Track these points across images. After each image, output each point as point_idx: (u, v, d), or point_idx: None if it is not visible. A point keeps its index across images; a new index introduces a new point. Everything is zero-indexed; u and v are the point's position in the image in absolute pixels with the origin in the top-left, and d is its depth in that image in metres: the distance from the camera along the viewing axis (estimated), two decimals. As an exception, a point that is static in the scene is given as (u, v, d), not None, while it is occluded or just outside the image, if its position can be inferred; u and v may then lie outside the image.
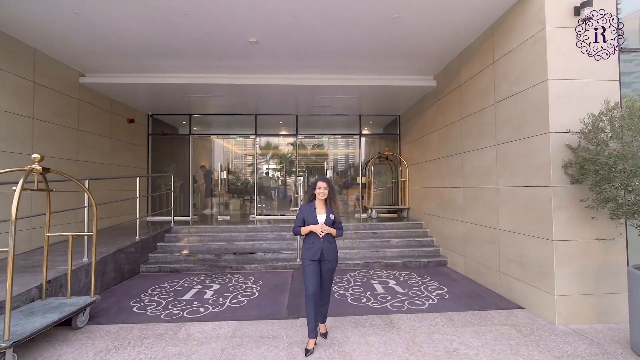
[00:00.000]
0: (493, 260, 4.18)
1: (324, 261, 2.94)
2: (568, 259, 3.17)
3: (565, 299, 3.15)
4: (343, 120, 8.97)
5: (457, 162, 5.14)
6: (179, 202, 8.81)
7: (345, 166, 10.43)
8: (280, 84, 6.00)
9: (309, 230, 2.93)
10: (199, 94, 6.63)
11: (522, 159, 3.59)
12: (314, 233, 2.95)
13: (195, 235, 6.40)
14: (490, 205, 4.24)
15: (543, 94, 3.27)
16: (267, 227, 6.66)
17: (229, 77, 5.94)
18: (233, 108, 7.90)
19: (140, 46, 4.86)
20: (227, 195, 10.27)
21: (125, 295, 4.17)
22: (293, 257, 5.63)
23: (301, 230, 2.97)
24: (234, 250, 5.87)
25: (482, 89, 4.42)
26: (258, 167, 9.58)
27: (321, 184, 3.00)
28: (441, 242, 5.82)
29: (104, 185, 6.56)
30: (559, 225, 3.16)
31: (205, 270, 5.30)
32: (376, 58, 5.34)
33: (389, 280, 4.70)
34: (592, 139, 2.91)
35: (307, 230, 2.94)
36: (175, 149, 9.17)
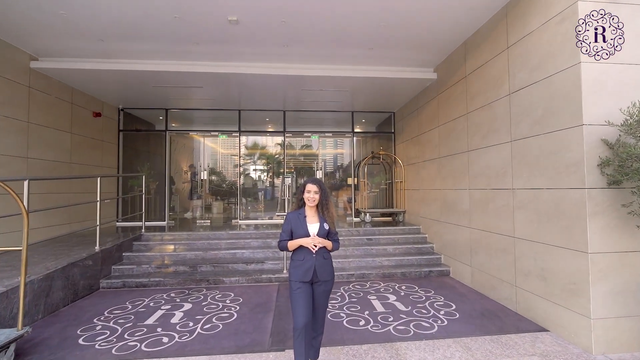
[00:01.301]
0: (507, 272, 3.68)
1: (317, 282, 2.34)
2: (605, 275, 2.67)
3: (602, 322, 2.65)
4: (334, 118, 8.40)
5: (462, 161, 4.63)
6: (153, 205, 8.02)
7: (336, 166, 9.87)
8: (266, 73, 5.36)
9: (298, 245, 2.33)
10: (173, 84, 5.91)
11: (546, 157, 3.09)
12: (304, 247, 2.35)
13: (169, 243, 5.67)
14: (503, 210, 3.74)
15: (574, 80, 2.78)
16: (251, 234, 5.99)
17: (208, 65, 5.26)
18: (214, 102, 7.20)
19: (100, 25, 4.14)
20: (209, 198, 9.55)
21: (74, 320, 3.44)
22: (279, 267, 4.99)
23: (288, 245, 2.36)
24: (212, 260, 5.18)
25: (493, 79, 3.93)
26: (242, 166, 8.90)
27: (311, 187, 2.40)
28: (442, 249, 5.31)
29: (63, 186, 5.75)
30: (595, 234, 2.67)
31: (177, 284, 4.59)
32: (372, 45, 4.79)
33: (389, 295, 4.13)
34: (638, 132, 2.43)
35: (295, 245, 2.34)
36: (151, 147, 8.38)
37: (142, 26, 4.20)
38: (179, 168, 9.91)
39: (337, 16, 4.00)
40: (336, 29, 4.31)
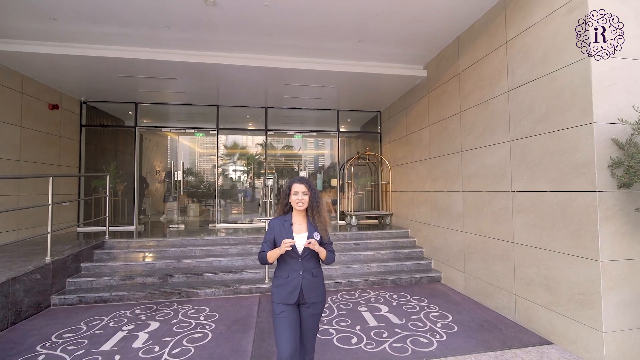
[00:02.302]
0: (505, 280, 3.47)
1: (305, 305, 1.97)
2: (616, 285, 2.48)
3: (615, 335, 2.46)
4: (319, 116, 8.06)
5: (455, 162, 4.42)
6: (121, 208, 7.33)
7: (320, 167, 9.53)
8: (247, 65, 4.93)
9: (279, 255, 1.95)
10: (143, 74, 5.33)
11: (551, 157, 2.89)
12: (289, 262, 1.99)
13: (137, 250, 5.09)
14: (501, 213, 3.53)
15: (584, 75, 2.59)
16: (229, 239, 5.51)
17: (182, 53, 4.76)
18: (190, 96, 6.65)
19: (51, 0, 3.58)
20: (185, 200, 8.92)
21: (12, 349, 2.86)
22: (260, 277, 4.56)
23: (268, 256, 1.97)
24: (185, 270, 4.67)
25: (489, 76, 3.73)
26: (221, 167, 8.38)
27: (298, 187, 2.03)
28: (433, 254, 5.09)
29: (10, 187, 5.03)
30: (606, 241, 2.47)
31: (144, 299, 4.06)
32: (362, 37, 4.49)
33: (380, 306, 3.82)
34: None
35: (276, 256, 1.95)
36: (119, 145, 7.68)
37: (104, 5, 3.67)
38: (152, 168, 9.22)
39: (326, 1, 3.65)
40: (324, 17, 3.97)
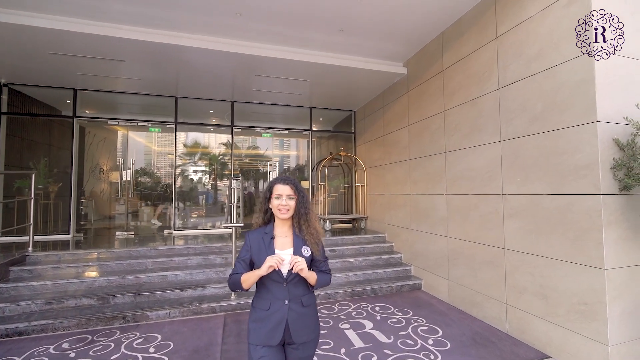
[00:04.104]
0: (495, 288, 3.28)
1: (292, 345, 1.51)
2: (620, 294, 2.34)
3: (619, 348, 2.31)
4: (290, 114, 7.57)
5: (439, 163, 4.22)
6: (54, 213, 6.19)
7: (291, 168, 9.03)
8: (212, 48, 4.30)
9: (257, 278, 1.45)
10: (82, 52, 4.45)
11: (547, 159, 2.73)
12: (270, 289, 1.51)
13: (70, 265, 4.18)
14: (490, 218, 3.35)
15: (586, 71, 2.44)
16: (188, 249, 4.80)
17: (133, 30, 4.01)
18: (144, 84, 5.79)
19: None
20: (136, 203, 7.90)
21: None
22: (226, 293, 3.96)
23: (242, 281, 1.46)
24: (132, 287, 3.90)
25: (477, 73, 3.55)
26: (179, 166, 7.54)
27: (282, 189, 1.56)
28: (412, 259, 4.85)
29: None
30: (609, 247, 2.33)
31: (76, 327, 3.26)
32: (343, 26, 4.12)
33: (364, 322, 3.44)
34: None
35: (253, 280, 1.46)
36: (53, 139, 6.53)
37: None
38: (97, 166, 8.06)
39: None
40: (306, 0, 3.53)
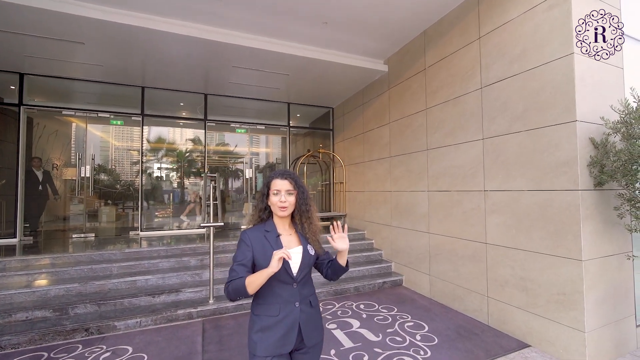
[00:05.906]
0: (477, 282, 3.38)
1: (301, 350, 1.40)
2: (594, 284, 2.50)
3: (593, 334, 2.46)
4: (266, 109, 7.32)
5: (420, 160, 4.27)
6: (-4, 214, 5.45)
7: (267, 165, 8.77)
8: (184, 34, 3.97)
9: (265, 279, 1.30)
10: (32, 31, 3.91)
11: (529, 156, 2.84)
12: (278, 291, 1.39)
13: (18, 273, 3.68)
14: (472, 214, 3.44)
15: (566, 72, 2.56)
16: (159, 251, 4.45)
17: (95, 9, 3.59)
18: (105, 71, 5.25)
19: None
20: (95, 202, 7.21)
21: None
22: (203, 296, 3.71)
23: (247, 284, 1.30)
24: (95, 295, 3.52)
25: (460, 72, 3.63)
26: (145, 160, 7.01)
27: (280, 184, 1.45)
28: (393, 256, 4.90)
29: None
30: (586, 240, 2.46)
31: (27, 344, 2.85)
32: (328, 18, 4.01)
33: (350, 321, 3.38)
34: (630, 132, 2.28)
35: (262, 281, 1.30)
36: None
37: None
38: (48, 162, 7.23)
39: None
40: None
